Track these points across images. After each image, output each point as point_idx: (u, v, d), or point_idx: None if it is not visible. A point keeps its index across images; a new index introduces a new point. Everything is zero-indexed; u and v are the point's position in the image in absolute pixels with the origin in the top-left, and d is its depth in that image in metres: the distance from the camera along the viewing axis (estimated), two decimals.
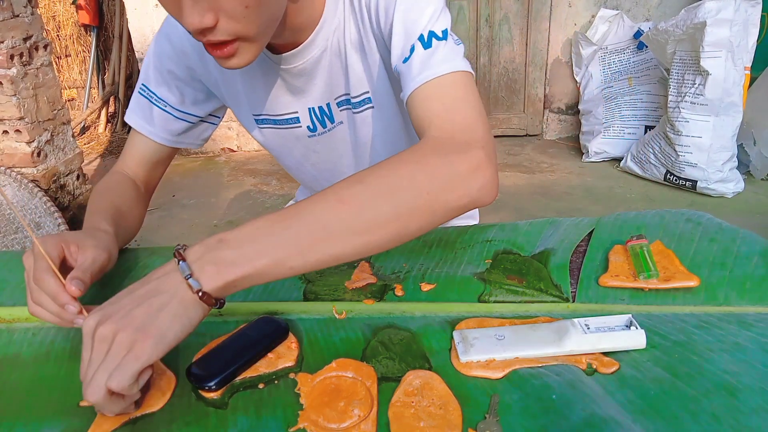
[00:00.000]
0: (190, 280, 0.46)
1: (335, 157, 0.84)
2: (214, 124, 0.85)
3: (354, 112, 0.77)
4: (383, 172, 0.50)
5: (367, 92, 0.74)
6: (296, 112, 0.78)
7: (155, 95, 0.77)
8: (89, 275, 0.56)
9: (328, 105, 0.76)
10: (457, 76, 0.57)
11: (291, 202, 1.11)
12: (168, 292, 0.46)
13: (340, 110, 0.77)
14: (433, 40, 0.59)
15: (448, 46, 0.59)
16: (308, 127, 0.79)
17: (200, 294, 0.46)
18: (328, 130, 0.80)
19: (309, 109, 0.77)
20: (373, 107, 0.75)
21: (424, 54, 0.58)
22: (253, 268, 0.46)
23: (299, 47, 0.68)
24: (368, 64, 0.71)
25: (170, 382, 0.52)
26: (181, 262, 0.47)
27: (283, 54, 0.69)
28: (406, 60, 0.59)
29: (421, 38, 0.59)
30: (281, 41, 0.68)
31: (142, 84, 0.78)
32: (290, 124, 0.79)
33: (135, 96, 0.79)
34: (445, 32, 0.60)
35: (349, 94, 0.75)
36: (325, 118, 0.78)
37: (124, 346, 0.44)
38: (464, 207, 0.51)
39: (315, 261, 0.48)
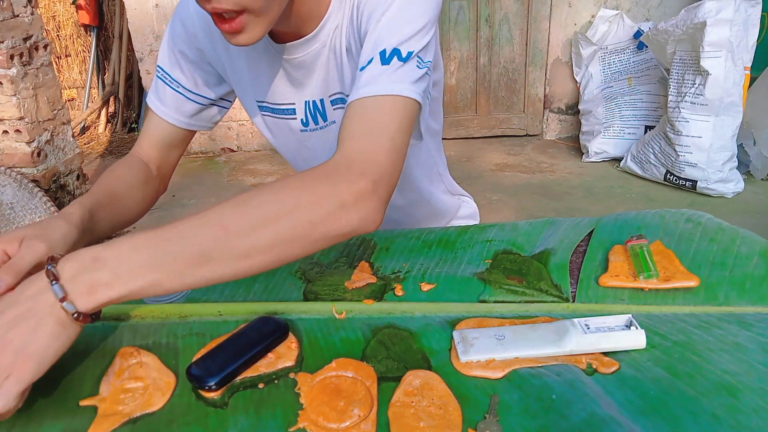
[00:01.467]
0: (64, 304, 0.45)
1: (325, 156, 0.73)
2: (224, 108, 0.86)
3: None
4: (269, 198, 0.50)
5: None
6: (293, 104, 0.78)
7: (169, 76, 0.78)
8: (12, 273, 0.51)
9: (322, 101, 0.76)
10: (394, 101, 0.56)
11: None
12: (43, 313, 0.45)
13: (334, 109, 0.77)
14: (394, 58, 0.57)
15: (405, 68, 0.57)
16: (302, 120, 0.79)
17: (75, 315, 0.46)
18: (320, 128, 0.79)
19: (305, 102, 0.77)
20: None
21: (378, 69, 0.57)
22: (127, 289, 0.46)
23: (302, 39, 0.69)
24: (356, 67, 0.69)
25: (170, 382, 0.52)
26: (54, 284, 0.45)
27: (287, 44, 0.70)
28: (362, 69, 0.58)
29: (382, 53, 0.58)
30: (286, 29, 0.68)
31: (158, 65, 0.79)
32: (286, 114, 0.80)
33: (154, 78, 0.81)
34: (409, 54, 0.58)
35: (343, 94, 0.74)
36: (318, 115, 0.78)
37: (5, 369, 0.44)
38: (345, 235, 0.52)
39: (193, 283, 0.48)
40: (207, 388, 0.50)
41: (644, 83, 2.82)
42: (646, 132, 2.78)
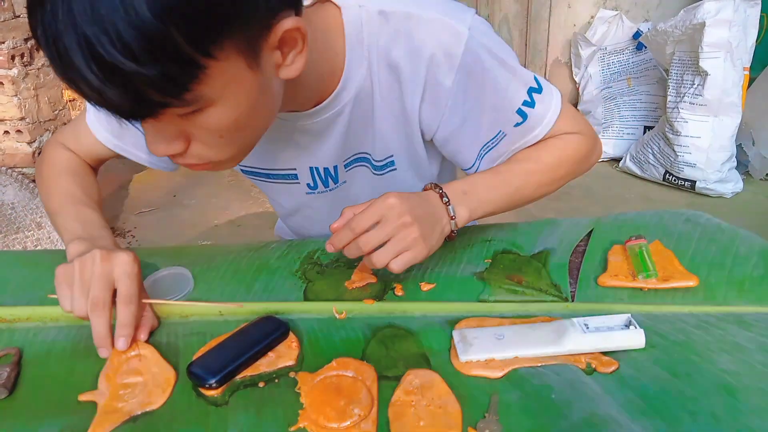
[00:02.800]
0: (452, 222, 0.61)
1: (335, 212, 0.68)
2: None
3: (375, 174, 0.73)
4: (549, 159, 0.70)
5: (392, 156, 0.70)
6: (294, 169, 0.72)
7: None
8: (144, 334, 0.57)
9: (335, 167, 0.72)
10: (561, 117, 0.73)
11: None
12: (442, 221, 0.61)
13: (348, 170, 0.73)
14: (533, 94, 0.67)
15: (543, 94, 0.68)
16: (308, 185, 0.74)
17: (453, 231, 0.62)
18: (330, 190, 0.75)
19: (311, 168, 0.72)
20: (395, 170, 0.72)
21: (533, 111, 0.68)
22: (484, 212, 0.65)
23: (311, 110, 0.63)
24: (402, 130, 0.67)
25: (170, 378, 0.52)
26: (449, 205, 0.61)
27: (291, 112, 0.64)
28: (517, 125, 0.68)
29: (521, 110, 0.67)
30: (291, 108, 0.63)
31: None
32: (285, 179, 0.74)
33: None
34: (531, 89, 0.67)
35: (369, 155, 0.70)
36: (329, 179, 0.73)
37: (411, 240, 0.56)
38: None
39: (515, 206, 0.69)
40: (207, 386, 0.50)
41: (643, 84, 2.82)
42: (645, 132, 2.78)
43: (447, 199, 0.61)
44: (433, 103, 0.63)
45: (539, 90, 0.67)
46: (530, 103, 0.66)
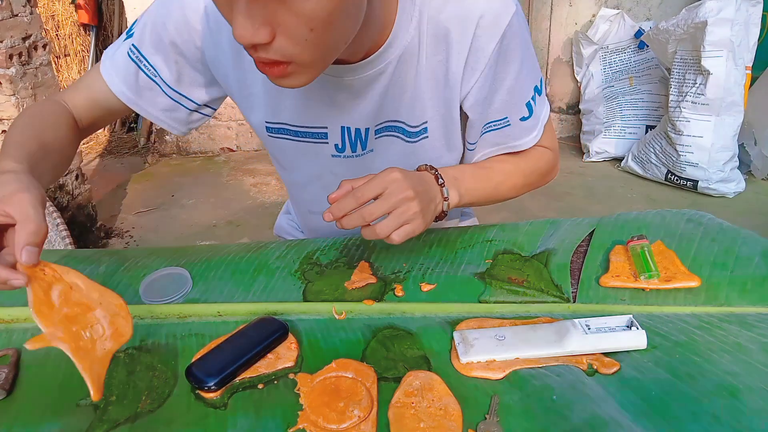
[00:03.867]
0: (444, 203, 0.64)
1: None
2: (206, 115, 0.76)
3: (408, 141, 0.72)
4: (525, 166, 0.75)
5: (426, 122, 0.70)
6: (325, 127, 0.70)
7: (147, 62, 0.68)
8: (41, 238, 0.48)
9: (367, 130, 0.70)
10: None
11: (282, 210, 1.07)
12: (437, 200, 0.63)
13: (377, 138, 0.71)
14: (537, 96, 0.71)
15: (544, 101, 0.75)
16: (336, 146, 0.72)
17: (443, 212, 0.64)
18: (356, 156, 0.73)
19: (343, 128, 0.70)
20: (427, 137, 0.71)
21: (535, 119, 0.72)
22: (469, 200, 0.68)
23: (355, 64, 0.62)
24: (441, 94, 0.67)
25: (121, 304, 0.48)
26: (444, 187, 0.64)
27: (333, 64, 0.61)
28: (524, 119, 0.71)
29: (528, 104, 0.71)
30: (342, 57, 0.60)
31: (133, 45, 0.68)
32: (314, 138, 0.72)
33: (120, 55, 0.69)
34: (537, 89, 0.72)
35: (403, 122, 0.70)
36: (359, 142, 0.71)
37: (411, 214, 0.58)
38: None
39: (490, 201, 0.74)
40: (206, 388, 0.50)
41: (645, 83, 2.81)
42: (647, 132, 2.78)
43: (442, 181, 0.64)
44: (473, 67, 0.65)
45: (540, 92, 0.71)
46: (533, 100, 0.70)
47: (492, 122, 0.70)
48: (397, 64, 0.64)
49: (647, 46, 2.72)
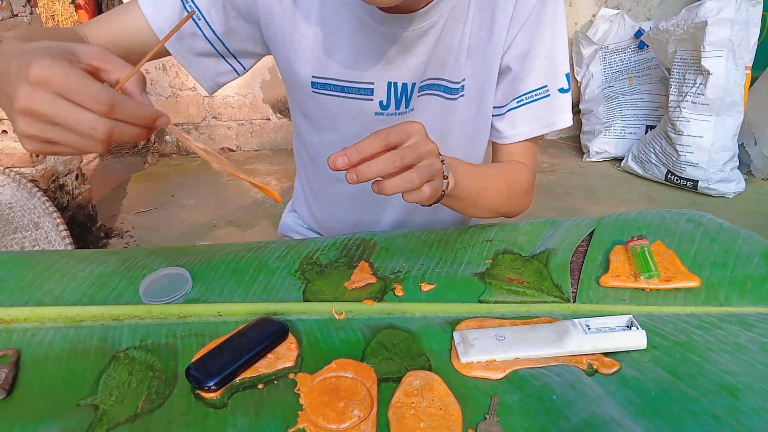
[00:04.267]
0: (444, 181, 0.59)
1: None
2: (236, 71, 0.75)
3: (447, 98, 0.72)
4: (509, 174, 0.76)
5: (465, 80, 0.71)
6: (372, 83, 0.70)
7: (199, 11, 0.67)
8: (144, 83, 0.46)
9: (413, 85, 0.70)
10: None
11: (286, 209, 1.07)
12: (439, 174, 0.56)
13: (419, 96, 0.72)
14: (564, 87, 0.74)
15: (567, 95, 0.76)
16: (381, 102, 0.71)
17: (442, 192, 0.60)
18: (399, 114, 0.73)
19: (389, 83, 0.70)
20: (464, 96, 0.73)
21: (565, 98, 0.74)
22: (459, 191, 0.64)
23: (411, 14, 0.62)
24: (483, 50, 0.69)
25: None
26: (444, 165, 0.59)
27: (389, 14, 0.63)
28: (547, 96, 0.72)
29: (561, 89, 0.73)
30: (402, 5, 0.61)
31: None
32: (360, 94, 0.71)
33: None
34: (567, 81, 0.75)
35: (446, 80, 0.71)
36: (403, 99, 0.71)
37: (436, 170, 0.54)
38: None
39: (473, 204, 0.70)
40: (206, 388, 0.50)
41: (645, 83, 2.82)
42: (647, 132, 2.78)
43: (442, 158, 0.59)
44: (518, 19, 0.67)
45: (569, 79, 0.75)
46: (567, 77, 0.73)
47: (532, 92, 0.71)
48: (449, 17, 0.66)
49: (647, 46, 2.72)
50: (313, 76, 0.71)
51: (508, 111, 0.75)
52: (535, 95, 0.72)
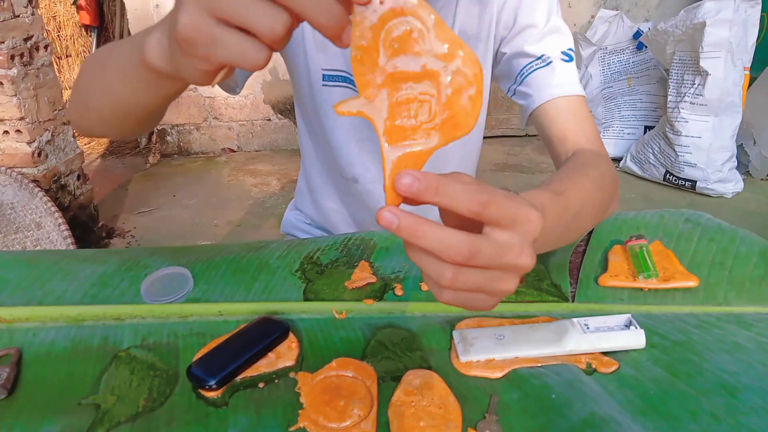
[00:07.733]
0: None
1: None
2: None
3: None
4: (594, 174, 0.61)
5: None
6: None
7: None
8: None
9: None
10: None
11: (288, 208, 1.07)
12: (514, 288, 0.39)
13: None
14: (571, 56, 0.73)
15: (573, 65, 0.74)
16: None
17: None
18: None
19: None
20: None
21: (571, 68, 0.73)
22: (540, 245, 0.44)
23: None
24: (476, 40, 0.72)
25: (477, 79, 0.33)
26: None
27: None
28: (548, 63, 0.71)
29: (565, 53, 0.74)
30: None
31: None
32: None
33: None
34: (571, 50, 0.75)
35: None
36: None
37: (502, 290, 0.36)
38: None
39: (566, 238, 0.60)
40: (207, 387, 0.50)
41: (644, 83, 2.82)
42: (645, 132, 2.78)
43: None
44: (509, 5, 0.70)
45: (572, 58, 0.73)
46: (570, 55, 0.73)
47: (533, 61, 0.73)
48: (457, 5, 0.68)
49: (646, 47, 2.72)
50: (323, 68, 0.74)
51: (524, 79, 0.74)
52: (536, 65, 0.73)
